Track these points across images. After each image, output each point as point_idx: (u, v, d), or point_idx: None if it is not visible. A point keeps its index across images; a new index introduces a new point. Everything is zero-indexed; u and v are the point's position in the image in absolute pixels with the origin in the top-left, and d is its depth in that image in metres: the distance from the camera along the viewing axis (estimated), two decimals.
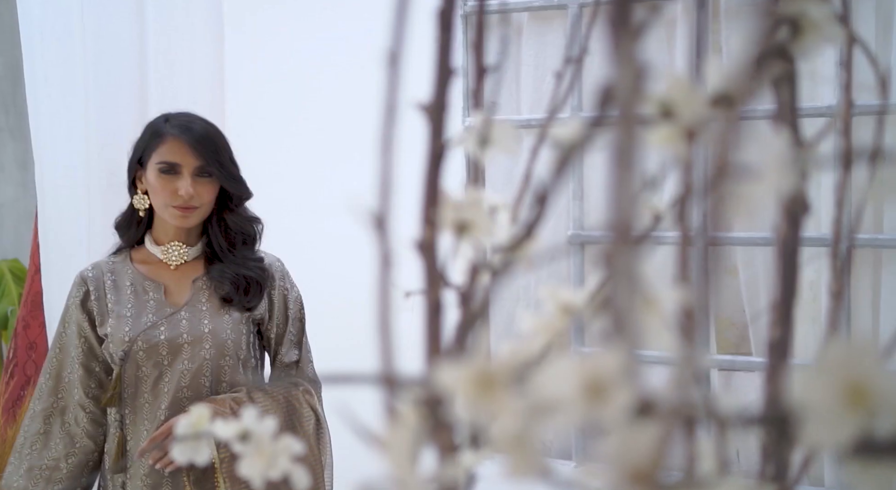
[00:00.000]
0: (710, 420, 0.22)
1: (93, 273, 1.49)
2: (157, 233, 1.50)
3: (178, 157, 1.42)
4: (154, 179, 1.44)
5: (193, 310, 1.46)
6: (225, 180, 1.44)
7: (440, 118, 0.34)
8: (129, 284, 1.48)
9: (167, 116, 1.47)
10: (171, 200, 1.42)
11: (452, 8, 0.35)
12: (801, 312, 1.59)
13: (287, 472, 0.38)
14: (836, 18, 0.31)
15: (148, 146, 1.45)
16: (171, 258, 1.49)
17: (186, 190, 1.41)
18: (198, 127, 1.45)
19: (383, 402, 0.25)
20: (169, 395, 1.42)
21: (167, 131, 1.44)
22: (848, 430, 0.18)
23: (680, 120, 0.28)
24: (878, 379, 0.18)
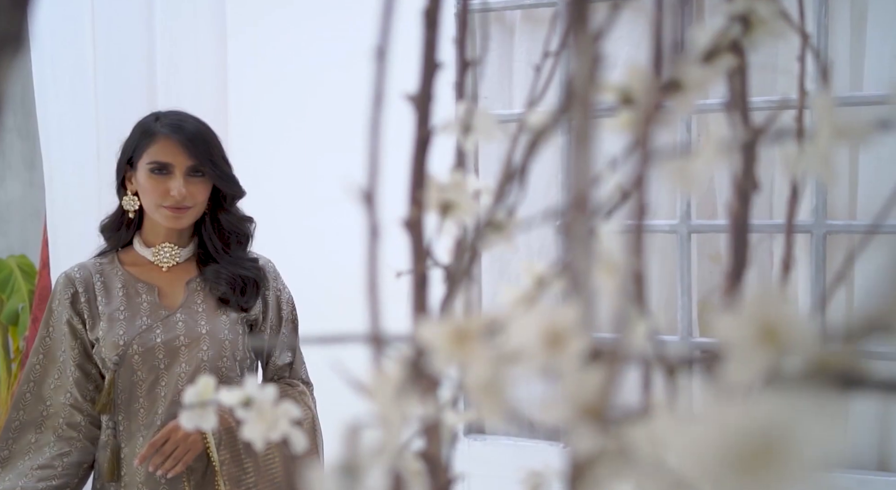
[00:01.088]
0: (657, 362, 0.25)
1: (80, 274, 1.41)
2: (147, 234, 1.43)
3: (169, 157, 1.36)
4: (145, 180, 1.37)
5: (189, 311, 1.39)
6: (218, 179, 1.38)
7: (426, 108, 0.36)
8: (121, 286, 1.40)
9: (157, 115, 1.41)
10: (163, 201, 1.36)
11: (437, 8, 0.37)
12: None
13: (286, 434, 0.41)
14: (782, 14, 0.34)
15: (138, 146, 1.38)
16: (162, 260, 1.42)
17: (179, 190, 1.35)
18: (189, 126, 1.38)
19: (372, 357, 0.28)
20: (166, 400, 1.35)
21: (158, 130, 1.37)
22: (760, 365, 0.21)
23: (638, 106, 0.31)
24: (788, 321, 0.21)
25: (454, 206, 0.39)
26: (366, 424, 0.23)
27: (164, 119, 1.39)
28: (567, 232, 0.25)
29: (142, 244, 1.43)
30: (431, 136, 0.37)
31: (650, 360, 0.24)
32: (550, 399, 0.23)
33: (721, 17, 0.34)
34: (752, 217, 0.37)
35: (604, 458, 0.21)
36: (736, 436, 0.11)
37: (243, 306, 1.42)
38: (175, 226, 1.39)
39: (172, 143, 1.36)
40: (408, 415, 0.24)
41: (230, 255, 1.43)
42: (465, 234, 0.38)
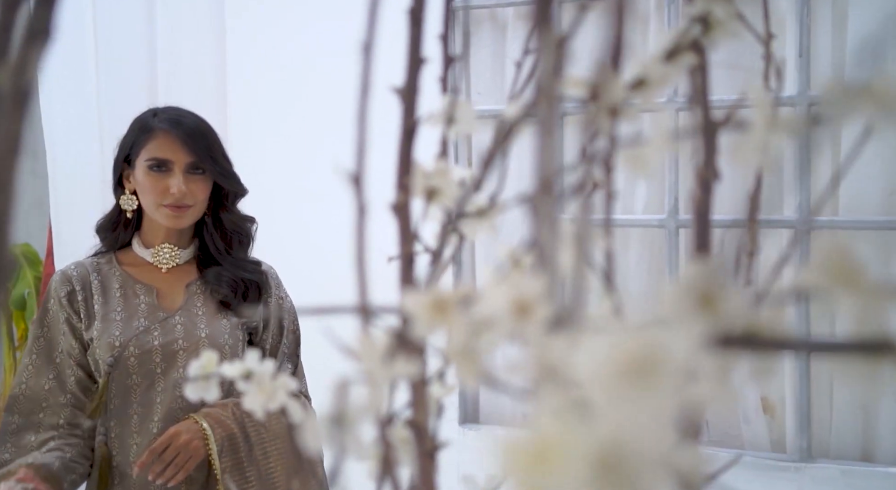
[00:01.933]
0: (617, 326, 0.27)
1: (77, 272, 1.34)
2: (146, 235, 1.36)
3: (168, 153, 1.30)
4: (143, 177, 1.31)
5: (188, 314, 1.33)
6: (219, 176, 1.32)
7: (412, 100, 0.39)
8: (118, 287, 1.34)
9: (155, 111, 1.35)
10: (163, 199, 1.30)
11: (422, 7, 0.40)
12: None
13: (283, 404, 0.43)
14: (739, 16, 0.36)
15: (136, 142, 1.32)
16: (161, 261, 1.36)
17: (178, 187, 1.29)
18: (188, 121, 1.32)
19: (360, 325, 0.30)
20: (163, 406, 1.28)
21: (156, 126, 1.31)
22: (700, 330, 0.23)
23: (603, 101, 0.33)
24: (723, 291, 0.23)
25: (439, 191, 0.42)
26: (353, 381, 0.26)
27: (163, 115, 1.34)
28: (534, 212, 0.28)
29: (141, 245, 1.37)
30: (417, 127, 0.39)
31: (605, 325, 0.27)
32: (517, 361, 0.26)
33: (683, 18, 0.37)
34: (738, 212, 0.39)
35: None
36: (626, 353, 0.14)
37: (243, 313, 1.35)
38: (175, 225, 1.33)
39: (171, 139, 1.30)
40: (392, 374, 0.27)
41: (232, 256, 1.37)
42: (449, 218, 0.41)
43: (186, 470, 1.23)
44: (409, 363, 0.27)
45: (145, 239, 1.37)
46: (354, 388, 0.26)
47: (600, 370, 0.14)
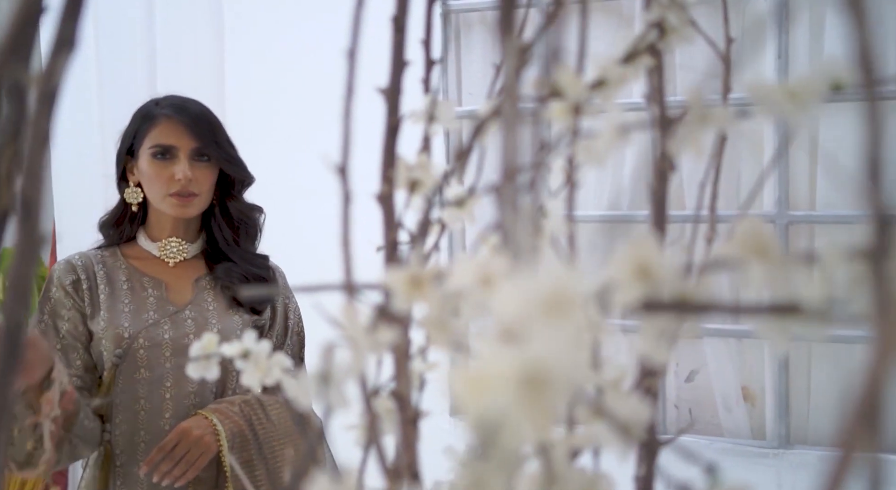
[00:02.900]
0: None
1: (81, 261, 1.28)
2: (152, 228, 1.31)
3: (172, 139, 1.25)
4: (148, 166, 1.26)
5: (199, 309, 1.28)
6: (224, 162, 1.27)
7: (395, 99, 0.42)
8: (125, 279, 1.28)
9: (157, 100, 1.30)
10: (168, 188, 1.25)
11: (405, 15, 0.43)
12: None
13: (278, 380, 0.46)
14: (690, 23, 0.39)
15: (139, 131, 1.27)
16: (168, 254, 1.30)
17: (184, 173, 1.24)
18: (192, 106, 1.28)
19: (345, 299, 0.33)
20: (173, 403, 1.22)
21: (159, 113, 1.26)
22: (636, 294, 0.27)
23: (567, 99, 0.37)
24: (659, 261, 0.27)
25: (420, 183, 0.45)
26: (338, 346, 0.29)
27: (165, 102, 1.29)
28: (499, 199, 0.31)
29: (147, 239, 1.32)
30: (400, 124, 0.43)
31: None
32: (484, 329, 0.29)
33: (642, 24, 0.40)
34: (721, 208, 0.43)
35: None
36: (543, 291, 0.17)
37: (255, 308, 1.31)
38: (182, 215, 1.28)
39: (175, 125, 1.25)
40: (372, 340, 0.30)
41: (240, 247, 1.32)
42: (428, 207, 0.44)
43: (197, 467, 1.18)
44: (389, 331, 0.30)
45: (151, 233, 1.32)
46: (339, 351, 0.29)
47: (523, 306, 0.17)
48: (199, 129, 1.26)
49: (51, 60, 0.24)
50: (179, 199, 1.26)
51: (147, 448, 1.21)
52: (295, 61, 2.06)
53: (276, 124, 2.11)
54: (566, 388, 0.16)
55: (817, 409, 1.72)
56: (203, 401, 1.24)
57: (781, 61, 1.63)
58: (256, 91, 2.12)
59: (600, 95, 0.37)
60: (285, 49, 2.07)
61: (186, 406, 1.23)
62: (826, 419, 1.72)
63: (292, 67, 2.06)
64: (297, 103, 2.07)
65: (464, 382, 0.16)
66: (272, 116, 2.11)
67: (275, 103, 2.10)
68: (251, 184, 1.34)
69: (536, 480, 0.28)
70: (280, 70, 2.08)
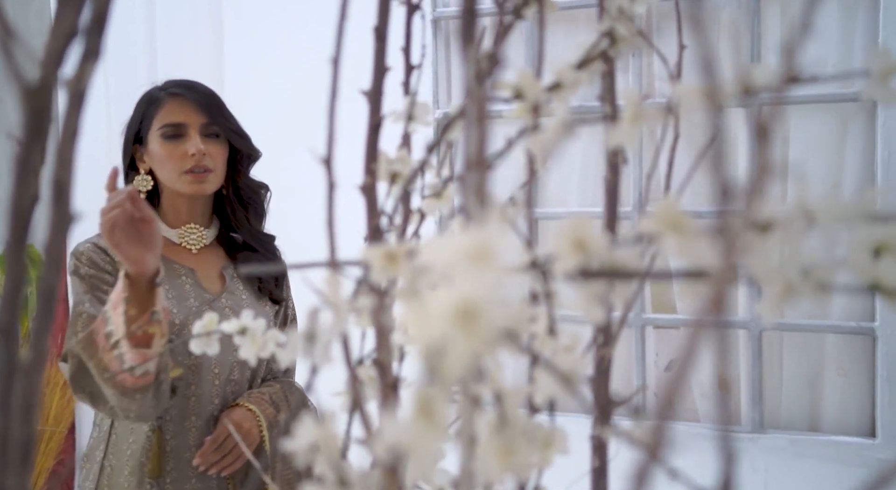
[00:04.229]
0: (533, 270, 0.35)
1: (105, 244, 1.20)
2: (168, 215, 1.28)
3: (181, 116, 1.22)
4: (159, 148, 1.22)
5: (233, 298, 1.27)
6: (233, 135, 1.26)
7: (377, 101, 0.46)
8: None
9: (158, 86, 1.28)
10: (183, 165, 1.21)
11: (386, 25, 0.47)
12: None
13: (273, 353, 0.50)
14: (638, 33, 0.43)
15: (145, 116, 1.24)
16: (189, 241, 1.28)
17: (197, 147, 1.20)
18: (197, 84, 1.26)
19: (329, 274, 0.38)
20: (219, 389, 1.22)
21: (164, 94, 1.24)
22: (573, 264, 0.31)
23: (527, 100, 0.41)
24: (592, 236, 0.31)
25: (400, 175, 0.49)
26: (322, 310, 0.33)
27: (168, 84, 1.27)
28: (463, 186, 0.35)
29: (165, 225, 1.27)
30: (382, 123, 0.47)
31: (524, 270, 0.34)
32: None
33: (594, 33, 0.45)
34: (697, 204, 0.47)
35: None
36: (470, 245, 0.21)
37: (277, 297, 1.32)
38: (199, 192, 1.24)
39: (182, 102, 1.23)
40: (351, 306, 0.34)
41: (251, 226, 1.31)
42: (408, 197, 0.48)
43: (243, 459, 1.20)
44: (366, 298, 0.34)
45: (167, 219, 1.28)
46: (323, 314, 0.33)
47: (455, 257, 0.21)
48: (208, 104, 1.24)
49: (79, 68, 0.28)
50: (195, 176, 1.23)
51: (197, 433, 1.21)
52: (289, 65, 2.09)
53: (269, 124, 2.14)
54: (493, 321, 0.20)
55: (789, 396, 1.77)
56: (240, 388, 1.25)
57: (754, 64, 1.67)
58: (254, 91, 2.16)
59: (556, 97, 0.42)
60: (281, 53, 2.11)
61: (228, 392, 1.24)
62: (797, 405, 1.76)
63: (287, 70, 2.10)
64: (290, 103, 2.11)
65: (411, 320, 0.20)
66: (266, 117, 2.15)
67: (270, 104, 2.14)
68: (258, 159, 1.32)
69: (493, 426, 0.32)
70: (275, 73, 2.12)
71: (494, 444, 0.31)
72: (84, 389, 1.11)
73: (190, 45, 2.14)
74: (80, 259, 1.21)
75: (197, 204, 1.28)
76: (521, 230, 0.42)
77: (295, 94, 2.09)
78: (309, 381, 0.35)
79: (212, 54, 2.15)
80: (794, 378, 1.76)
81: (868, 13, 1.62)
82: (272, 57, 2.12)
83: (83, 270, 1.20)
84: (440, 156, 0.53)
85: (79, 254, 1.21)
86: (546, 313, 0.40)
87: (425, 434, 0.22)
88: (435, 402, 0.22)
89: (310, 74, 2.10)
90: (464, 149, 0.36)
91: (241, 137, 1.28)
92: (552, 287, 0.35)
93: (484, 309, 0.20)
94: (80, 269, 1.20)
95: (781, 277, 0.28)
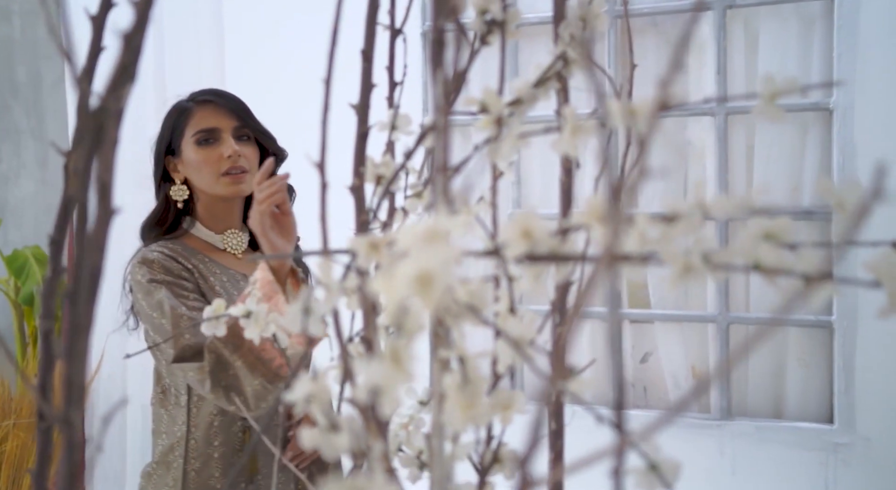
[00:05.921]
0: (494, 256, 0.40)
1: (170, 253, 1.22)
2: (207, 222, 1.28)
3: (214, 122, 1.25)
4: (194, 154, 1.24)
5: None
6: (263, 137, 1.28)
7: (365, 113, 0.52)
8: (218, 272, 1.25)
9: (185, 97, 1.29)
10: (220, 168, 1.23)
11: (372, 48, 0.53)
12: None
13: (274, 332, 0.56)
14: (587, 56, 0.49)
15: (176, 126, 1.26)
16: (232, 246, 1.29)
17: (232, 148, 1.23)
18: (224, 92, 1.30)
19: (322, 260, 0.43)
20: None
21: (194, 103, 1.27)
22: (521, 249, 0.36)
23: (491, 113, 0.46)
24: (537, 226, 0.36)
25: (385, 178, 0.55)
26: (314, 288, 0.38)
27: (195, 95, 1.29)
28: (433, 188, 0.41)
29: (207, 229, 1.28)
30: (368, 132, 0.52)
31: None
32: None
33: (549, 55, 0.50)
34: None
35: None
36: (425, 228, 0.27)
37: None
38: (237, 193, 1.26)
39: (213, 108, 1.25)
40: (341, 286, 0.39)
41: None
42: (392, 196, 0.54)
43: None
44: (353, 279, 0.40)
45: (209, 225, 1.29)
46: (317, 292, 0.39)
47: (415, 238, 0.27)
48: (237, 109, 1.27)
49: (109, 88, 0.33)
50: (232, 177, 1.24)
51: (281, 430, 1.22)
52: (286, 79, 2.15)
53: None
54: (441, 286, 0.26)
55: (754, 386, 1.83)
56: None
57: (720, 77, 1.74)
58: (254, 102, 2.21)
59: (516, 111, 0.47)
60: (277, 68, 2.16)
61: None
62: (762, 394, 1.83)
63: (283, 84, 2.15)
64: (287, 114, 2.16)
65: (382, 287, 0.26)
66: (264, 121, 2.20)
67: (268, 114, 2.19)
68: (285, 159, 1.32)
69: (457, 384, 0.38)
70: (272, 87, 2.17)
71: (458, 399, 0.37)
72: (220, 383, 1.11)
73: (193, 61, 2.19)
74: (152, 267, 1.20)
75: (233, 207, 1.30)
76: (486, 224, 0.47)
77: (291, 105, 2.14)
78: (307, 352, 0.41)
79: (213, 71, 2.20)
80: (759, 369, 1.82)
81: (824, 28, 1.68)
82: (269, 73, 2.18)
83: (160, 277, 1.20)
84: (423, 161, 0.59)
85: (149, 262, 1.21)
86: (507, 294, 0.45)
87: (394, 375, 0.27)
88: (402, 351, 0.27)
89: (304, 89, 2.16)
90: (434, 155, 0.41)
91: (268, 138, 1.30)
92: (510, 271, 0.41)
93: (436, 276, 0.26)
94: (157, 276, 1.20)
95: (682, 260, 0.33)
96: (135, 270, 1.22)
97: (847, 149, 1.65)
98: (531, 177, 1.93)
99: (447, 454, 0.42)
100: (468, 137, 1.88)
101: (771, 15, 1.71)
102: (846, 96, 1.63)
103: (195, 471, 1.21)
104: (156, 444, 1.27)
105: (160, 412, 1.27)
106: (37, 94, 3.08)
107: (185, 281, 1.20)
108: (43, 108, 3.08)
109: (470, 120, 0.48)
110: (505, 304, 0.46)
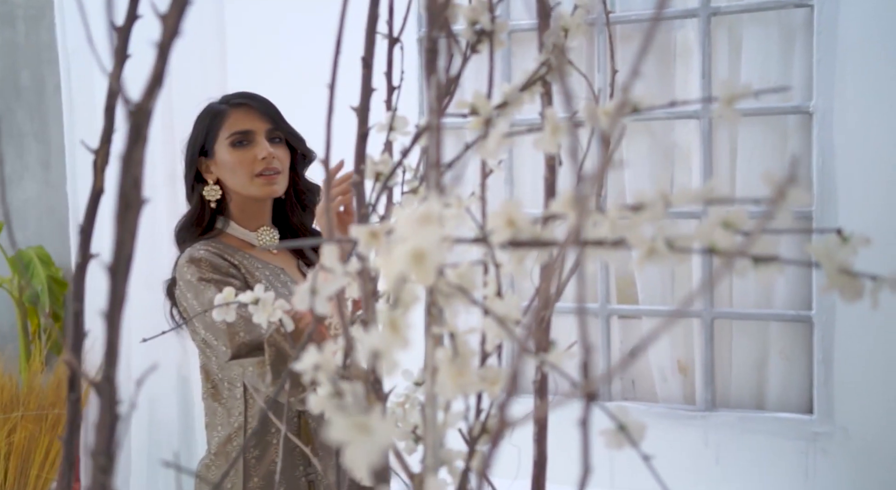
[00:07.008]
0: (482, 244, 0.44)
1: (215, 250, 1.24)
2: (241, 221, 1.30)
3: (248, 124, 1.27)
4: (228, 156, 1.26)
5: None
6: (293, 138, 1.31)
7: (365, 115, 0.56)
8: (260, 268, 1.27)
9: (217, 100, 1.31)
10: (254, 169, 1.25)
11: (371, 55, 0.57)
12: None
13: (280, 317, 0.60)
14: (568, 62, 0.53)
15: (210, 129, 1.28)
16: (266, 243, 1.31)
17: (266, 150, 1.25)
18: (256, 95, 1.31)
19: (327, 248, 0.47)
20: None
21: (228, 106, 1.28)
22: (505, 236, 0.40)
23: (481, 115, 0.50)
24: (517, 217, 0.40)
25: (383, 175, 0.58)
26: (320, 270, 0.42)
27: (227, 98, 1.31)
28: (427, 181, 0.44)
29: (242, 228, 1.30)
30: (368, 132, 0.56)
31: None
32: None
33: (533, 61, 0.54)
34: None
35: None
36: (418, 214, 0.31)
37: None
38: (271, 194, 1.27)
39: (247, 110, 1.27)
40: (345, 269, 0.43)
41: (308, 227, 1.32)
42: (390, 192, 0.58)
43: None
44: (355, 264, 0.44)
45: (244, 224, 1.31)
46: (321, 274, 0.43)
47: (410, 222, 0.31)
48: (270, 111, 1.29)
49: (145, 92, 0.37)
50: (266, 178, 1.26)
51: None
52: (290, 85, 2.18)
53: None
54: (434, 262, 0.29)
55: (738, 378, 1.87)
56: None
57: (705, 81, 1.78)
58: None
59: (504, 113, 0.51)
60: (281, 75, 2.20)
61: None
62: (745, 386, 1.87)
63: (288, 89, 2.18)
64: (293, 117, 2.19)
65: (382, 264, 0.30)
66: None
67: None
68: (313, 160, 1.35)
69: (448, 357, 0.42)
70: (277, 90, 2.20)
71: (449, 370, 0.41)
72: (282, 374, 1.12)
73: (195, 61, 2.22)
74: (201, 266, 1.21)
75: (265, 207, 1.31)
76: (477, 218, 0.51)
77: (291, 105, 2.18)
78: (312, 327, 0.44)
79: (215, 72, 2.23)
80: (742, 361, 1.86)
81: (804, 35, 1.73)
82: (273, 78, 2.21)
83: (209, 275, 1.21)
84: (419, 159, 0.63)
85: (197, 261, 1.22)
86: (494, 279, 0.49)
87: (392, 342, 0.31)
88: (399, 320, 0.31)
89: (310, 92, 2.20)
90: (428, 154, 0.45)
91: (298, 139, 1.32)
92: (497, 258, 0.45)
93: (429, 254, 0.30)
94: (206, 274, 1.21)
95: (647, 244, 0.37)
96: (183, 270, 1.22)
97: (826, 150, 1.69)
98: (522, 177, 1.97)
99: (439, 422, 0.46)
100: (461, 138, 1.92)
101: (754, 22, 1.76)
102: (825, 100, 1.67)
103: (255, 458, 1.22)
104: (211, 437, 1.28)
105: (213, 406, 1.27)
106: (40, 97, 3.11)
107: (233, 278, 1.21)
108: (46, 112, 3.11)
109: (462, 122, 0.51)
110: (493, 288, 0.50)
